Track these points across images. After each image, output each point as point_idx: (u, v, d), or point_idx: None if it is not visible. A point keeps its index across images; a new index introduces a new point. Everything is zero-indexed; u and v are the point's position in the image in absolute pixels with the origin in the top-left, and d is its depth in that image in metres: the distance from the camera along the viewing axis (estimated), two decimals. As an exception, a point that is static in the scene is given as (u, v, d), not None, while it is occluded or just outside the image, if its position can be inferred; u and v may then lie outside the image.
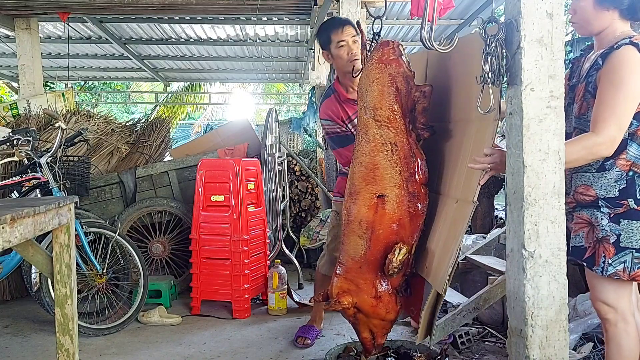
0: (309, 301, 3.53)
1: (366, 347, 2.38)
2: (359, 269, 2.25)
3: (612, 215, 1.95)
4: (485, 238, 3.93)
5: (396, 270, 2.15)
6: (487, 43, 1.79)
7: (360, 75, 2.32)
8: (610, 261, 1.93)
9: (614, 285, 1.96)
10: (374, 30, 2.28)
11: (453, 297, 3.40)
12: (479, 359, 2.93)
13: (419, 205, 2.18)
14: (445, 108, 2.30)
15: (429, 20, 1.89)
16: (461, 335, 3.03)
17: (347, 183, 2.31)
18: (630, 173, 1.94)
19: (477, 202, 1.93)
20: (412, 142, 2.19)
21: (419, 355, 2.49)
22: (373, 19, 2.31)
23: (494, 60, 1.77)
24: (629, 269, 1.92)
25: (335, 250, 2.92)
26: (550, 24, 1.73)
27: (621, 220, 1.93)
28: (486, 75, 1.79)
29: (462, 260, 3.72)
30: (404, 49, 2.21)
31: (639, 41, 1.88)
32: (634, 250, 1.91)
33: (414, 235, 2.20)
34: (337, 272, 2.31)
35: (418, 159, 2.18)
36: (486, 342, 3.12)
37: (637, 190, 1.93)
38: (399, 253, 2.13)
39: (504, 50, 1.76)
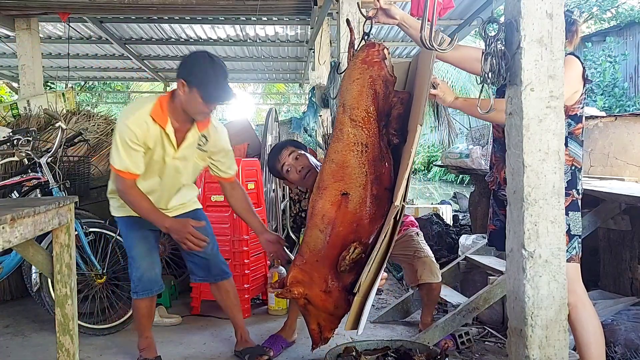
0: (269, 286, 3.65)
1: (313, 339, 2.45)
2: (316, 262, 2.30)
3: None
4: (485, 238, 3.93)
5: (347, 268, 2.20)
6: (487, 43, 1.79)
7: (343, 72, 2.35)
8: (566, 248, 2.13)
9: (569, 270, 2.09)
10: (365, 30, 2.29)
11: (453, 297, 3.40)
12: (479, 359, 2.93)
13: (380, 208, 2.22)
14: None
15: (429, 21, 1.89)
16: (461, 335, 3.03)
17: (317, 177, 2.35)
18: (572, 167, 2.25)
19: (402, 205, 2.05)
20: (384, 146, 2.22)
21: (419, 355, 2.48)
22: (365, 19, 2.32)
23: (494, 61, 1.77)
24: (578, 253, 2.23)
25: None
26: (550, 24, 1.73)
27: (570, 212, 2.18)
28: (486, 75, 1.80)
29: (462, 260, 3.72)
30: (388, 53, 2.23)
31: (576, 54, 2.31)
32: (578, 237, 2.24)
33: (370, 237, 2.23)
34: (296, 262, 2.36)
35: (386, 163, 2.22)
36: (486, 342, 3.12)
37: (578, 182, 2.25)
38: (352, 252, 2.18)
39: (504, 50, 1.77)
